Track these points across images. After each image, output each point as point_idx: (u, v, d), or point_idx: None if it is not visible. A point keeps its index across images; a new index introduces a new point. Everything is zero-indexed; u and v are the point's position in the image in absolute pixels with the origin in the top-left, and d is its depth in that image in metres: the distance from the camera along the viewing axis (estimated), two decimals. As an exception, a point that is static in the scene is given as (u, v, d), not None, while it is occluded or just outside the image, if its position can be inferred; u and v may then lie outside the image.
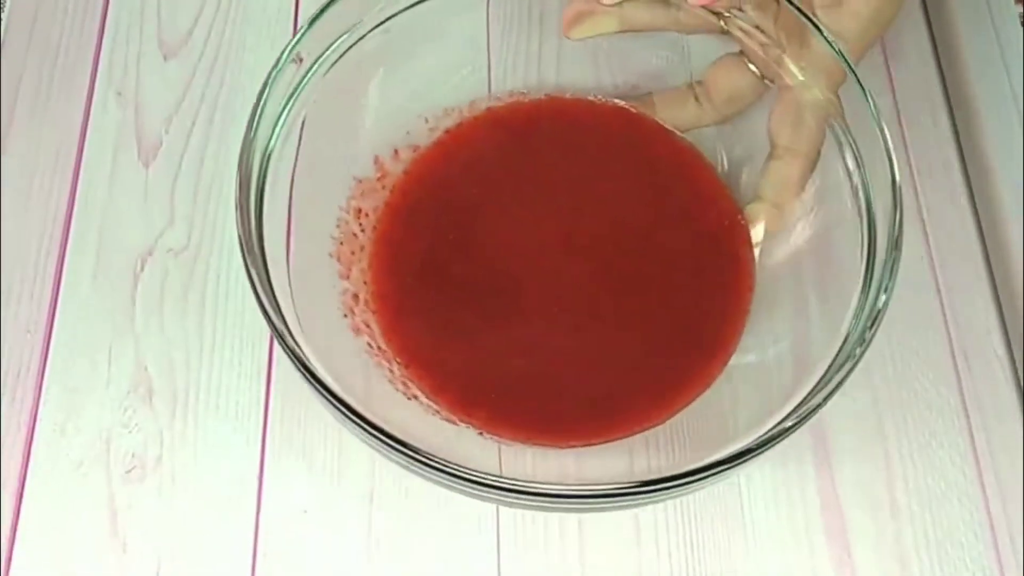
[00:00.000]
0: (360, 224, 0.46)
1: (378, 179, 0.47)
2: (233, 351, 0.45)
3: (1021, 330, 0.46)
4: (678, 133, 0.48)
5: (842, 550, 0.42)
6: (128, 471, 0.43)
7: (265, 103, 0.40)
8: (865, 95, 0.40)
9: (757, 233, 0.46)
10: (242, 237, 0.38)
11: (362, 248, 0.46)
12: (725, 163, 0.48)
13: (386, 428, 0.35)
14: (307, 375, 0.36)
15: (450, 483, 0.35)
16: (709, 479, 0.35)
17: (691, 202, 0.47)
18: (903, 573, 0.42)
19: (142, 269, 0.47)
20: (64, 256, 0.47)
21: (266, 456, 0.43)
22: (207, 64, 0.52)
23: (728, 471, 0.35)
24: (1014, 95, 0.50)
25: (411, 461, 0.35)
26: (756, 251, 0.45)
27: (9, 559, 0.41)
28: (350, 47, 0.44)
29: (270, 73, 0.40)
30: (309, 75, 0.43)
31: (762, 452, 0.35)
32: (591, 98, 0.49)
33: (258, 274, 0.37)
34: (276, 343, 0.36)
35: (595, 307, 0.45)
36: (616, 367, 0.44)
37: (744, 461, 0.35)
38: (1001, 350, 0.46)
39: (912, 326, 0.47)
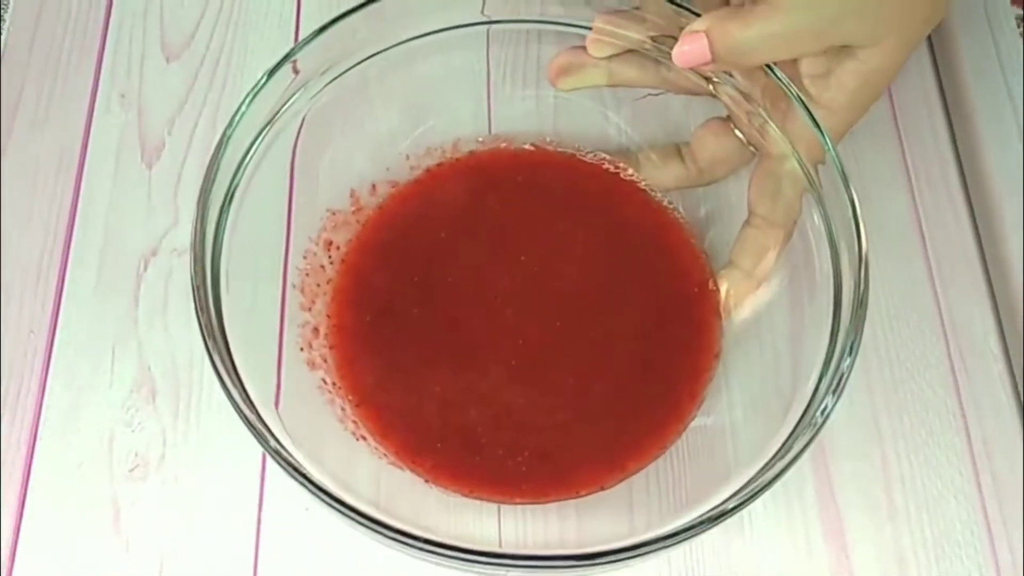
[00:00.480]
0: (329, 256, 0.46)
1: (352, 212, 0.47)
2: (237, 351, 0.46)
3: (1019, 332, 0.46)
4: (657, 196, 0.48)
5: (840, 550, 0.42)
6: (131, 470, 0.43)
7: (237, 124, 0.40)
8: (835, 160, 0.39)
9: (727, 300, 0.46)
10: (194, 255, 0.37)
11: (328, 281, 0.46)
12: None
13: (348, 500, 0.35)
14: (250, 424, 0.35)
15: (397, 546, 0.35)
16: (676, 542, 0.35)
17: (662, 266, 0.47)
18: (901, 573, 0.42)
19: (145, 269, 0.47)
20: (68, 256, 0.48)
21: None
22: (210, 66, 0.53)
23: (688, 537, 0.35)
24: (1011, 99, 0.50)
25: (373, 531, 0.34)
26: (724, 319, 0.45)
27: (12, 558, 0.41)
28: (335, 79, 0.44)
29: (245, 97, 0.40)
30: (288, 103, 0.42)
31: (714, 525, 0.35)
32: (576, 152, 0.49)
33: (201, 288, 0.37)
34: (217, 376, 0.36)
35: (554, 363, 0.45)
36: (571, 426, 0.43)
37: (697, 532, 0.35)
38: (997, 351, 0.46)
39: (909, 328, 0.47)
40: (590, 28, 0.45)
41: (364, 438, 0.42)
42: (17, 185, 0.49)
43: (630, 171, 0.49)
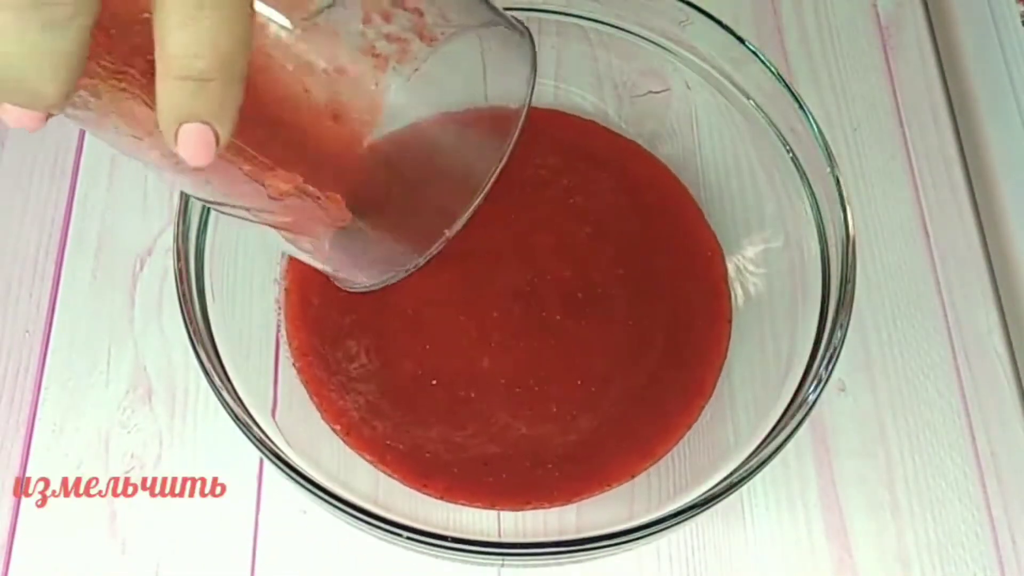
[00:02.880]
0: None
1: None
2: (233, 351, 0.45)
3: (1023, 330, 0.46)
4: (657, 156, 0.46)
5: (843, 550, 0.42)
6: (127, 471, 0.43)
7: None
8: (818, 138, 0.40)
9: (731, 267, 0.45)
10: (178, 281, 0.37)
11: None
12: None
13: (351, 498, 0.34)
14: (259, 443, 0.35)
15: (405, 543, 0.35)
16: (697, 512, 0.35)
17: (672, 231, 0.45)
18: (904, 573, 0.42)
19: (141, 269, 0.47)
20: (63, 256, 0.48)
21: (265, 457, 0.44)
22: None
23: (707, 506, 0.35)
24: (1015, 94, 0.50)
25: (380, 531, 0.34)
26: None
27: (8, 559, 0.42)
28: None
29: None
30: None
31: (719, 500, 0.35)
32: (563, 111, 0.47)
33: (191, 315, 0.36)
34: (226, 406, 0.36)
35: (567, 353, 0.42)
36: (597, 427, 0.41)
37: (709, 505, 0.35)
38: (1002, 349, 0.47)
39: (913, 326, 0.47)
40: (591, 19, 0.44)
41: (365, 458, 0.42)
42: (13, 183, 0.49)
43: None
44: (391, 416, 0.42)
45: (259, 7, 0.25)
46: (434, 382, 0.42)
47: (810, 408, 0.36)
